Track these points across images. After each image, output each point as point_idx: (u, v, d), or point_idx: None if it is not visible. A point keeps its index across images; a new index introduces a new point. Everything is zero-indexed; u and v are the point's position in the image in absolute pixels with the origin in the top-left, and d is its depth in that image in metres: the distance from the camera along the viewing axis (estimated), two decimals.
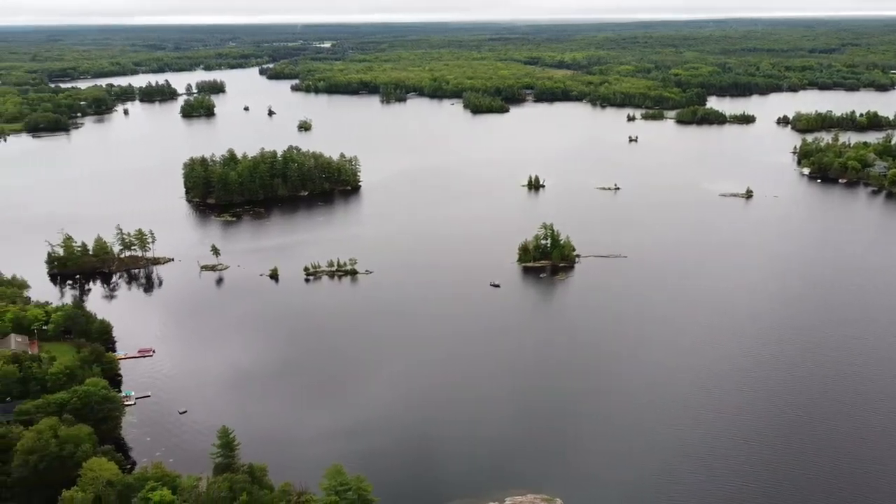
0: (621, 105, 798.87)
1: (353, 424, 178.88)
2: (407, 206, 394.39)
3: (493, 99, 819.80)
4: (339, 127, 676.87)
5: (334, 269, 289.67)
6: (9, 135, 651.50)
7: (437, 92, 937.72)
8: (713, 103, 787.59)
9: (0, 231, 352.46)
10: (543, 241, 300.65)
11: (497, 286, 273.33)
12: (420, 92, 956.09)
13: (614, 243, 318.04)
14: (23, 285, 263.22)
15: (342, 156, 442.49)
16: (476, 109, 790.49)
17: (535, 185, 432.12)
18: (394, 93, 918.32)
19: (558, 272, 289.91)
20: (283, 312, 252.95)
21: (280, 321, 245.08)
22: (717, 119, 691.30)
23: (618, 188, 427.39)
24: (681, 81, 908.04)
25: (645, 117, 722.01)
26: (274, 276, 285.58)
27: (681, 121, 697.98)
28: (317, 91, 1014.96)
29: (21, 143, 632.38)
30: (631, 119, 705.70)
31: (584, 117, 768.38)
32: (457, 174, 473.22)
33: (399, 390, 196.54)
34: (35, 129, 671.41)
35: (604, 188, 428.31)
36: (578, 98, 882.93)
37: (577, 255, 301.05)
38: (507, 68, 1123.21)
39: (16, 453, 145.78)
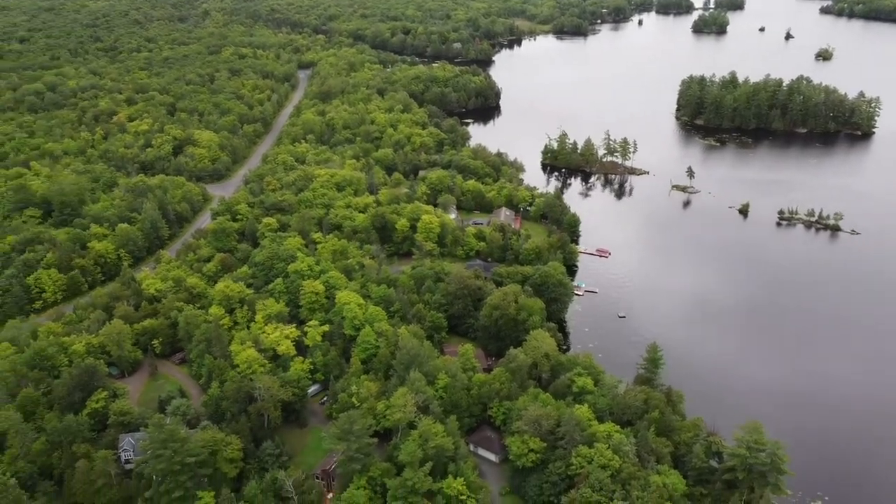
0: None
1: (790, 390, 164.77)
2: None
3: None
4: (868, 60, 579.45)
5: (813, 219, 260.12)
6: (538, 35, 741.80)
7: None
8: None
9: (518, 119, 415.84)
10: None
11: None
12: None
13: None
14: (520, 169, 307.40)
15: (861, 95, 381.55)
16: None
17: None
18: None
19: None
20: (745, 251, 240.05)
21: (740, 259, 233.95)
22: None
23: None
24: None
25: None
26: (744, 211, 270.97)
27: None
28: (851, 15, 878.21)
29: (546, 42, 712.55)
30: None
31: None
32: None
33: (855, 376, 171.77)
34: (559, 32, 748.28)
35: None
36: None
37: None
38: None
39: (485, 305, 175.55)
